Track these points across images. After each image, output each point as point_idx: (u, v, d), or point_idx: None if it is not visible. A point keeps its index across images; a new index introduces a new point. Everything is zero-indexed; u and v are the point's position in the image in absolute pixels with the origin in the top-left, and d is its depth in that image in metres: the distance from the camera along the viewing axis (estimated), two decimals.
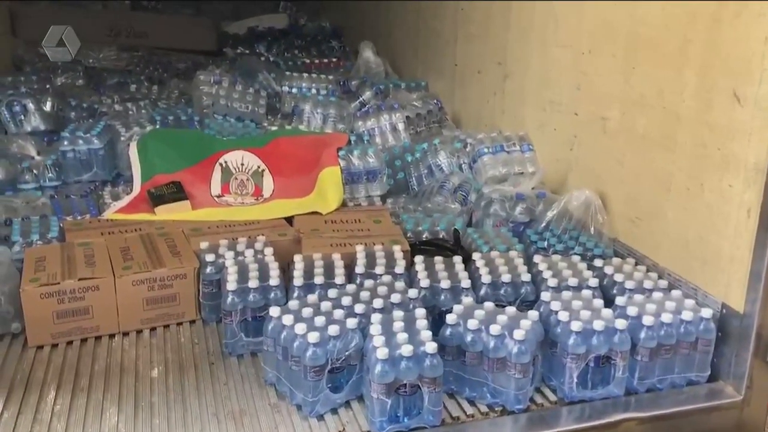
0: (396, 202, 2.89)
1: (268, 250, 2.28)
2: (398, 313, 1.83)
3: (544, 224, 2.44)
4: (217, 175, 2.96)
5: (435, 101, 3.68)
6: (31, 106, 3.41)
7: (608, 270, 2.17)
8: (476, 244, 2.40)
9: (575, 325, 1.81)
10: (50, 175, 2.98)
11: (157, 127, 3.30)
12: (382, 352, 1.66)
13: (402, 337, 1.71)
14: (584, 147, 2.56)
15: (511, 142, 2.87)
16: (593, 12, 2.44)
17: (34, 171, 2.97)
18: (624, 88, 2.30)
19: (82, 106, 3.70)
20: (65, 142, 2.98)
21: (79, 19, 5.22)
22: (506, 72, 3.09)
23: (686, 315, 1.90)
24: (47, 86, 4.05)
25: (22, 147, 3.05)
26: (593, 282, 2.08)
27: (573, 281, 2.07)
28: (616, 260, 2.23)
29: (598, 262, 2.22)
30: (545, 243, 2.36)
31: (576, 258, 2.23)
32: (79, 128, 3.08)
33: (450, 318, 1.83)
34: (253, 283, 2.03)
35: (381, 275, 2.12)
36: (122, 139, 3.13)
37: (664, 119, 2.12)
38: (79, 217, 2.66)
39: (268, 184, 2.98)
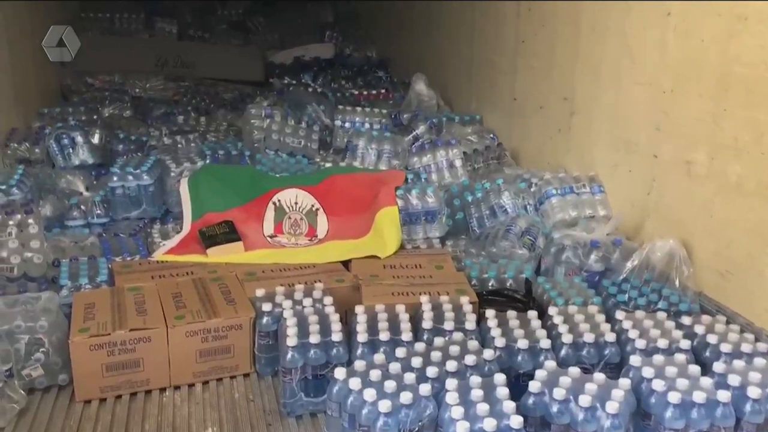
0: (456, 245, 2.74)
1: (327, 299, 2.15)
2: (476, 379, 1.67)
3: (623, 275, 2.26)
4: (270, 214, 2.85)
5: (491, 136, 3.55)
6: (79, 139, 3.35)
7: (699, 329, 1.98)
8: (549, 295, 2.24)
9: (673, 397, 1.63)
10: (98, 211, 2.90)
11: (207, 161, 3.21)
12: (462, 426, 1.50)
13: (482, 408, 1.55)
14: (665, 192, 2.38)
15: (580, 183, 2.71)
16: (677, 48, 2.28)
17: (82, 207, 2.89)
18: (713, 130, 2.13)
19: (129, 139, 3.63)
20: (114, 178, 2.90)
21: (127, 49, 5.26)
22: (573, 108, 2.93)
23: None
24: (95, 117, 4.02)
25: (71, 182, 2.97)
26: (684, 344, 1.90)
27: (662, 342, 1.89)
28: (705, 318, 2.04)
29: (685, 320, 2.04)
30: (625, 296, 2.19)
31: (662, 315, 2.05)
32: (129, 164, 3.00)
33: (533, 386, 1.66)
34: (314, 339, 1.89)
35: (451, 331, 1.96)
36: (172, 174, 3.05)
37: (764, 166, 1.94)
38: (128, 258, 2.55)
39: (322, 223, 2.86)
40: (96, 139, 3.50)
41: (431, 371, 1.73)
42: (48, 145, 3.31)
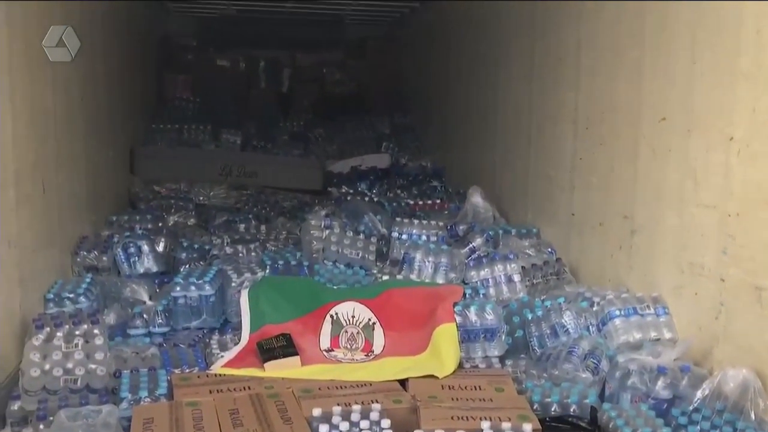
0: (517, 365, 2.68)
1: (385, 422, 2.12)
2: None
3: (693, 405, 2.17)
4: (327, 328, 2.86)
5: (549, 250, 3.52)
6: (145, 247, 3.46)
7: None
8: (615, 423, 2.15)
9: None
10: (160, 320, 2.95)
11: (267, 272, 3.26)
12: None
13: None
14: (735, 318, 2.30)
15: (644, 304, 2.65)
16: (742, 172, 2.26)
17: (145, 316, 2.94)
18: None
19: (193, 247, 3.73)
20: (177, 288, 2.96)
21: (194, 159, 5.51)
22: (634, 227, 2.91)
23: None
24: (160, 225, 4.15)
25: (135, 291, 3.05)
26: None
27: None
28: None
29: None
30: (697, 428, 2.09)
31: None
32: (192, 274, 3.06)
33: None
34: None
35: None
36: (233, 284, 3.10)
37: None
38: (187, 370, 2.58)
39: (378, 338, 2.85)
40: (161, 248, 3.61)
41: None
42: (115, 253, 3.43)
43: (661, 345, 2.51)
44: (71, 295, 2.85)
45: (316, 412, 2.17)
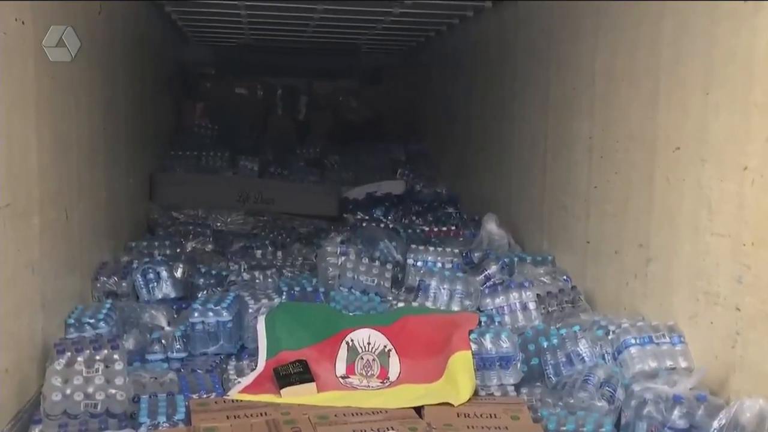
0: (532, 393, 2.69)
1: None
2: None
3: None
4: (342, 354, 2.89)
5: (565, 278, 3.53)
6: (164, 273, 3.50)
7: None
8: None
9: None
10: (178, 346, 2.98)
11: (284, 298, 3.29)
12: None
13: None
14: (751, 347, 2.30)
15: (659, 333, 2.65)
16: (756, 202, 2.27)
17: (163, 341, 2.98)
18: None
19: (210, 273, 3.77)
20: (195, 314, 2.99)
21: (212, 186, 5.58)
22: (649, 255, 2.92)
23: None
24: (178, 251, 4.20)
25: (154, 317, 3.09)
26: None
27: None
28: None
29: None
30: None
31: None
32: (210, 300, 3.10)
33: None
34: None
35: None
36: (250, 311, 3.13)
37: None
38: (204, 396, 2.60)
39: (394, 365, 2.87)
40: (179, 273, 3.66)
41: None
42: (134, 279, 3.47)
43: (677, 374, 2.50)
44: (91, 321, 2.89)
45: None
